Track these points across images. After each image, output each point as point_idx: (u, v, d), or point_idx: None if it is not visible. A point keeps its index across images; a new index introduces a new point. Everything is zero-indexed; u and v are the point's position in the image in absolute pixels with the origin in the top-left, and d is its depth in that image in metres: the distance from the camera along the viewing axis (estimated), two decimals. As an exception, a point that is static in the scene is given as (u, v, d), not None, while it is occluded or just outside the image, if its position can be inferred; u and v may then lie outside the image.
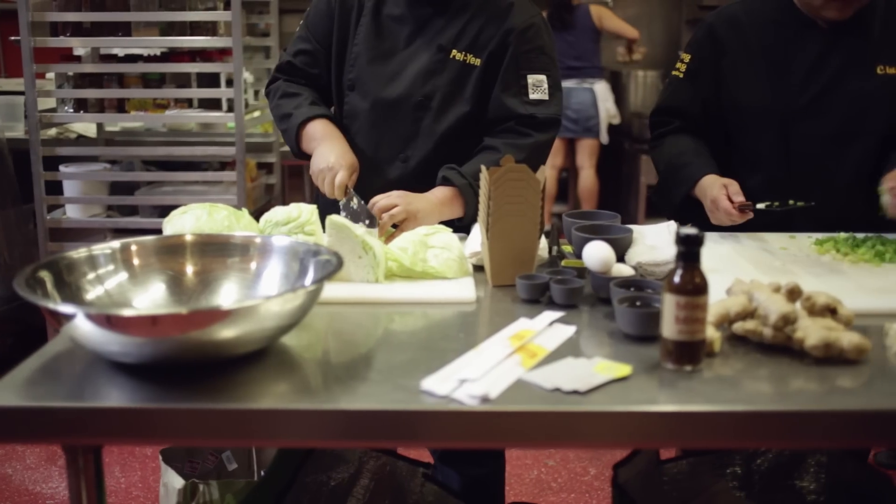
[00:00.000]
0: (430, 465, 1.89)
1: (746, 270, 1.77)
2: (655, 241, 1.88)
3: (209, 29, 3.36)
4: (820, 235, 2.01)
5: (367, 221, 1.92)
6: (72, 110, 3.49)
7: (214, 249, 1.51)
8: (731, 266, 1.81)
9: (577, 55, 5.90)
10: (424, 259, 1.70)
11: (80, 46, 3.42)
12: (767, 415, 1.19)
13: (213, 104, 3.64)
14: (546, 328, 1.45)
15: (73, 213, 3.60)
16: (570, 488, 3.10)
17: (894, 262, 1.84)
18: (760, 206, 1.96)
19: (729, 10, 2.20)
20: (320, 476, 1.76)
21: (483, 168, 1.69)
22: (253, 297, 1.45)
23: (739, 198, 1.96)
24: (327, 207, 1.97)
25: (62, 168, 3.51)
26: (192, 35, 3.37)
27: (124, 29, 3.35)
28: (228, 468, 2.20)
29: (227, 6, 3.23)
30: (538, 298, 1.61)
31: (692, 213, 2.08)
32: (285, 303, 1.30)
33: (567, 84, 5.89)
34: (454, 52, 2.06)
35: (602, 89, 5.87)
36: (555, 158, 6.09)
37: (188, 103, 3.59)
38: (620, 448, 1.87)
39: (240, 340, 1.28)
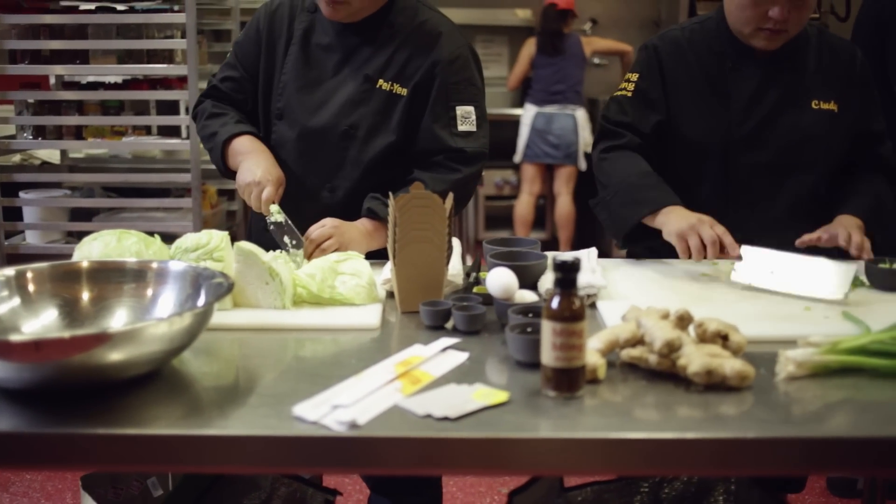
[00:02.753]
0: (334, 493, 1.88)
1: (658, 296, 1.77)
2: (574, 268, 1.88)
3: (166, 57, 3.38)
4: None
5: (293, 242, 1.93)
6: (31, 137, 3.50)
7: (110, 275, 1.51)
8: (644, 292, 1.82)
9: (562, 80, 5.94)
10: (333, 286, 1.70)
11: (38, 73, 3.44)
12: (636, 442, 1.18)
13: (172, 131, 3.66)
14: (437, 355, 1.44)
15: (32, 239, 3.62)
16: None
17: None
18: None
19: (671, 34, 2.20)
20: (230, 502, 1.75)
21: (390, 195, 1.69)
22: (144, 321, 1.45)
23: (729, 237, 1.90)
24: (259, 221, 1.98)
25: (22, 194, 3.53)
26: (149, 63, 3.39)
27: (82, 57, 3.37)
28: (154, 494, 2.18)
29: (184, 34, 3.25)
30: (442, 325, 1.61)
31: (640, 238, 2.08)
32: (171, 326, 1.30)
33: (549, 110, 5.93)
34: (381, 81, 2.07)
35: (582, 116, 5.91)
36: (532, 185, 6.10)
37: (147, 130, 3.61)
38: (488, 475, 1.86)
39: (125, 364, 1.29)
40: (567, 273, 1.27)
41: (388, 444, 1.18)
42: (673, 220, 1.95)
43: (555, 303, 1.27)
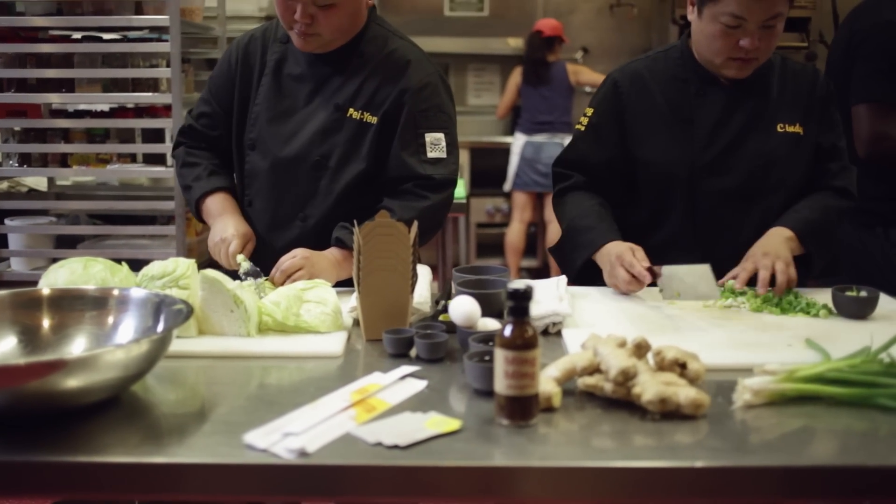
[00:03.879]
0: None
1: (626, 324, 1.78)
2: (543, 296, 1.89)
3: (151, 85, 3.40)
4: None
5: (259, 278, 1.94)
6: (16, 164, 3.52)
7: (71, 303, 1.52)
8: (614, 320, 1.82)
9: (550, 110, 5.97)
10: (298, 313, 1.71)
11: (25, 102, 3.45)
12: (582, 471, 1.18)
13: (158, 159, 3.68)
14: (395, 383, 1.45)
15: (18, 266, 3.62)
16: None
17: (774, 314, 1.87)
18: (655, 287, 1.95)
19: (633, 66, 2.23)
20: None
21: (355, 223, 1.70)
22: (101, 348, 1.45)
23: (646, 262, 1.94)
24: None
25: (7, 221, 3.54)
26: (134, 91, 3.41)
27: (68, 85, 3.39)
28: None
29: (169, 63, 3.27)
30: (405, 353, 1.61)
31: (592, 276, 2.08)
32: (128, 353, 1.31)
33: (538, 139, 5.96)
34: (351, 110, 2.08)
35: (570, 145, 5.93)
36: (523, 213, 6.12)
37: (132, 158, 3.63)
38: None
39: (82, 391, 1.29)
40: (519, 301, 1.27)
41: (335, 472, 1.18)
42: (604, 259, 2.03)
43: (507, 331, 1.27)
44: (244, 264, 1.99)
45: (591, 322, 1.81)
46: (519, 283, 1.28)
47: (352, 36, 2.09)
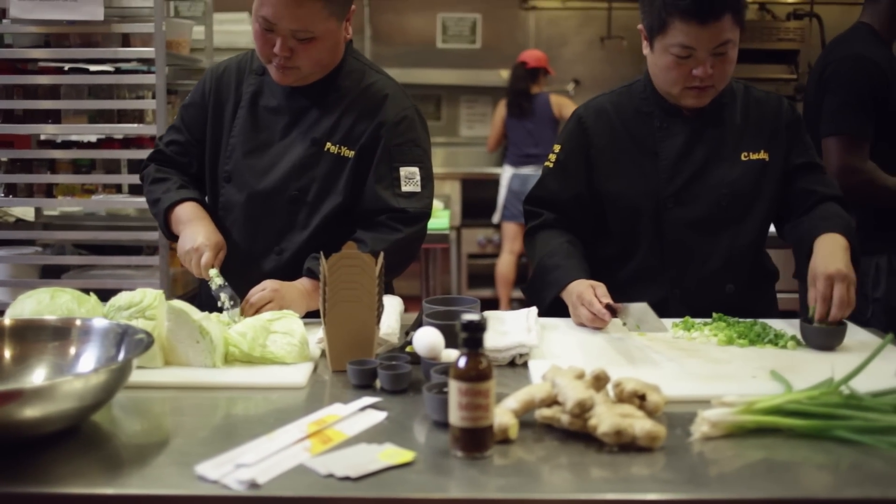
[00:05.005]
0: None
1: (595, 356, 1.78)
2: (512, 327, 1.89)
3: (136, 117, 3.43)
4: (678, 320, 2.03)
5: (231, 303, 1.94)
6: (2, 195, 3.54)
7: (33, 333, 1.52)
8: (583, 352, 1.82)
9: (536, 143, 6.00)
10: (264, 344, 1.71)
11: (11, 133, 3.48)
12: (532, 503, 1.18)
13: (142, 190, 3.69)
14: (354, 414, 1.45)
15: (2, 296, 3.62)
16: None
17: (742, 346, 1.87)
18: (618, 319, 1.95)
19: (597, 101, 2.25)
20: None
21: (321, 255, 1.71)
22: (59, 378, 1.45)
23: (606, 299, 1.94)
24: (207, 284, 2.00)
25: (-8, 251, 3.55)
26: (120, 122, 3.44)
27: (55, 116, 3.42)
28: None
29: (154, 95, 3.30)
30: (370, 384, 1.61)
31: (564, 307, 2.09)
32: (86, 383, 1.32)
33: (525, 171, 5.99)
34: (328, 144, 2.09)
35: (558, 177, 5.95)
36: (513, 244, 6.14)
37: (117, 189, 3.64)
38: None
39: (40, 421, 1.30)
40: (473, 333, 1.28)
41: (284, 503, 1.17)
42: (570, 296, 2.03)
43: (461, 362, 1.28)
44: (216, 279, 1.98)
45: (559, 354, 1.81)
46: (472, 315, 1.28)
47: (330, 70, 2.10)
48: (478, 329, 1.27)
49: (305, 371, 1.67)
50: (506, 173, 6.13)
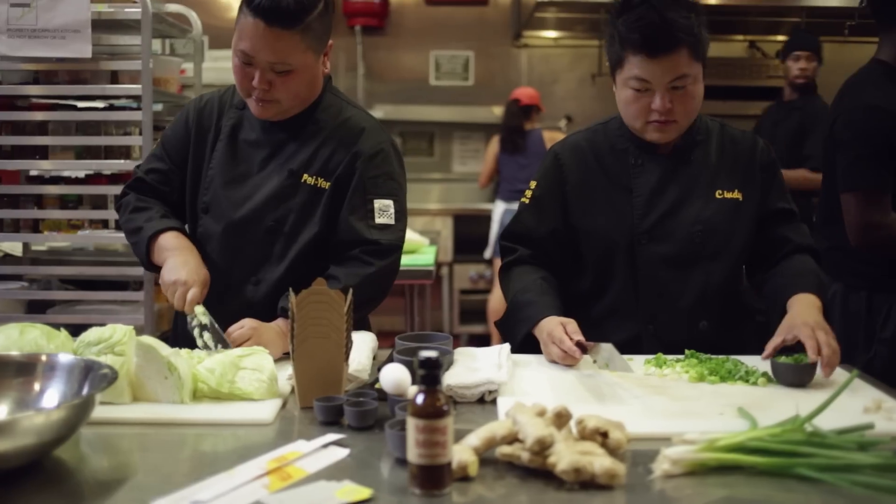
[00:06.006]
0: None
1: (565, 393, 1.78)
2: (483, 364, 1.89)
3: (123, 153, 3.45)
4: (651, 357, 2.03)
5: (218, 346, 1.93)
6: (-10, 230, 3.55)
7: (-2, 369, 1.52)
8: (554, 389, 1.82)
9: (528, 178, 6.00)
10: (232, 380, 1.71)
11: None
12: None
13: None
14: (317, 450, 1.45)
15: (-13, 331, 3.62)
16: None
17: (713, 383, 1.87)
18: (589, 357, 1.94)
19: (573, 138, 2.28)
20: None
21: (291, 291, 1.72)
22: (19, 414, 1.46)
23: (577, 336, 1.95)
24: (184, 318, 2.00)
25: (-24, 287, 3.55)
26: (107, 158, 3.46)
27: (42, 152, 3.44)
28: None
29: (141, 132, 3.32)
30: (337, 420, 1.61)
31: (537, 343, 2.09)
32: (47, 418, 1.32)
33: (517, 206, 5.99)
34: (305, 176, 2.12)
35: (548, 211, 5.98)
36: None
37: (104, 224, 3.65)
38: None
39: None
40: (430, 370, 1.28)
41: (237, 541, 1.17)
42: (542, 333, 2.02)
43: (419, 399, 1.28)
44: (203, 317, 1.97)
45: (528, 390, 1.81)
46: (429, 352, 1.29)
47: (309, 103, 2.14)
48: (435, 366, 1.28)
49: (273, 407, 1.67)
50: (498, 208, 6.15)
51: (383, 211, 2.13)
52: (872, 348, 2.69)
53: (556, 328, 1.96)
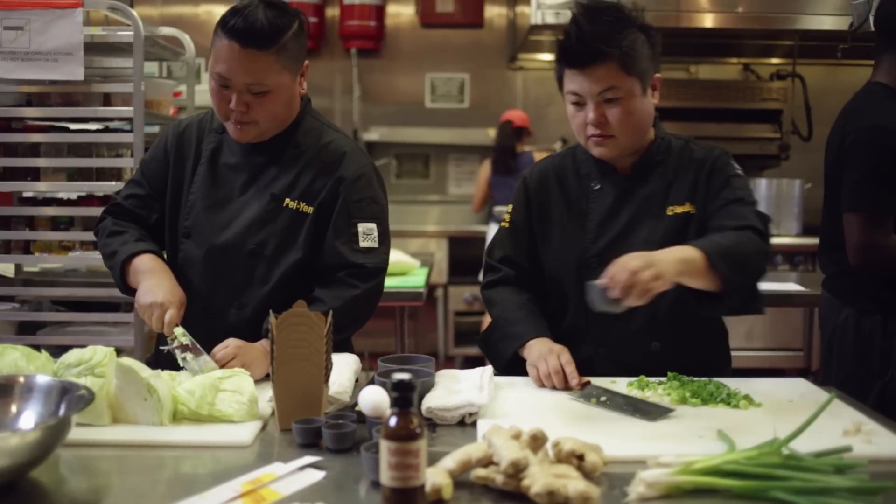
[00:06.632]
0: None
1: (545, 416, 1.78)
2: (464, 386, 1.89)
3: (115, 175, 3.47)
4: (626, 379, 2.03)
5: (202, 366, 1.93)
6: (-20, 251, 3.56)
7: (-25, 390, 1.53)
8: (534, 412, 1.82)
9: None
10: (212, 402, 1.71)
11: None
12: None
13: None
14: (292, 473, 1.44)
15: (-22, 352, 3.62)
16: None
17: (695, 405, 1.86)
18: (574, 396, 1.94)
19: (542, 164, 2.30)
20: None
21: (271, 313, 1.72)
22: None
23: (570, 367, 1.96)
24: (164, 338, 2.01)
25: (-30, 308, 3.55)
26: (98, 180, 3.47)
27: (34, 174, 3.46)
28: None
29: (132, 154, 3.34)
30: (315, 442, 1.61)
31: (521, 364, 2.09)
32: (22, 439, 1.33)
33: (507, 228, 6.02)
34: (287, 200, 2.13)
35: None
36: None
37: (94, 246, 3.66)
38: None
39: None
40: (403, 392, 1.28)
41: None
42: (532, 352, 2.04)
43: (392, 422, 1.28)
44: (182, 338, 1.96)
45: (509, 413, 1.81)
46: (402, 375, 1.29)
47: (286, 125, 2.15)
48: (407, 388, 1.28)
49: (252, 429, 1.67)
50: (491, 230, 6.16)
51: (367, 234, 2.14)
52: (888, 372, 2.65)
53: (550, 356, 1.98)
